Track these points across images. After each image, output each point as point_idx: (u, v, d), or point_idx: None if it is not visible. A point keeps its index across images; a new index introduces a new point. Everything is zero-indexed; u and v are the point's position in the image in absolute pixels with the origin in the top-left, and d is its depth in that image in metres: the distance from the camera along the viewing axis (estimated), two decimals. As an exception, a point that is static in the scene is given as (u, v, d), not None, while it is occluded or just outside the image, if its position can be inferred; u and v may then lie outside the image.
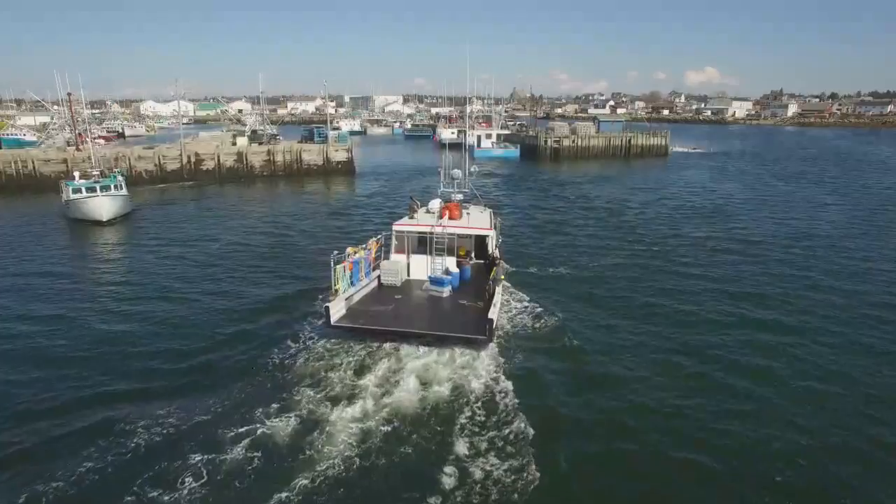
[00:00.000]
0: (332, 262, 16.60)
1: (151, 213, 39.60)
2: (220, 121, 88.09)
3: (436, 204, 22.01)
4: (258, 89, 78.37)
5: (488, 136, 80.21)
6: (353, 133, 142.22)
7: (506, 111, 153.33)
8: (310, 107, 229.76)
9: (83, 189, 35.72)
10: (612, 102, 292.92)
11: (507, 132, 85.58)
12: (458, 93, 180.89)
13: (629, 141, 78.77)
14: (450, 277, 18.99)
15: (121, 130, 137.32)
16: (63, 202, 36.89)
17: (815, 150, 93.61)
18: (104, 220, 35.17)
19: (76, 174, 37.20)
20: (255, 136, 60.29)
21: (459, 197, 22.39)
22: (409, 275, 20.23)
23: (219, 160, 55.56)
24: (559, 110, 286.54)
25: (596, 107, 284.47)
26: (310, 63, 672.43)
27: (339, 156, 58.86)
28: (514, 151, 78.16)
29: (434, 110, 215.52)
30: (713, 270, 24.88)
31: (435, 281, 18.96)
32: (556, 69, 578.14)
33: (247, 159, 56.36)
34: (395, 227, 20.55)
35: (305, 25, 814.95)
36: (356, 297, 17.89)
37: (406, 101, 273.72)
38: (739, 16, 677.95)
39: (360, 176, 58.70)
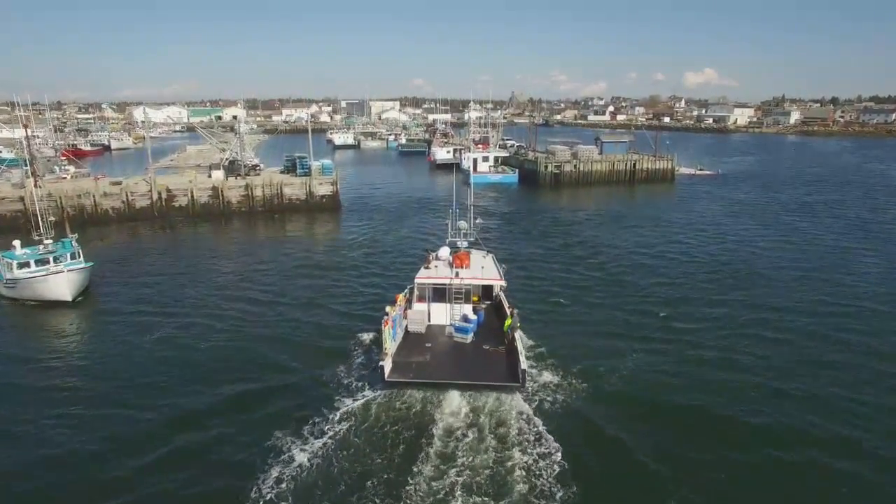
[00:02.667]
0: (382, 325, 19.14)
1: (117, 272, 34.92)
2: (213, 128, 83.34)
3: (445, 252, 24.17)
4: (251, 97, 73.59)
5: (485, 159, 75.95)
6: (346, 146, 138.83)
7: (504, 117, 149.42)
8: (304, 113, 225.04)
9: (32, 262, 29.04)
10: (611, 108, 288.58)
11: (504, 154, 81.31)
12: (457, 95, 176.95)
13: (634, 165, 74.61)
14: (471, 325, 21.45)
15: (107, 143, 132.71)
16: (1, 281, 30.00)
17: (824, 170, 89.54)
18: (69, 299, 28.73)
19: (16, 243, 30.05)
20: (232, 168, 55.50)
21: (465, 244, 24.37)
22: (429, 320, 22.62)
23: (192, 196, 51.25)
24: (558, 116, 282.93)
25: (595, 113, 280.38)
26: (308, 63, 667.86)
27: (323, 189, 54.43)
28: (512, 176, 74.03)
29: (431, 117, 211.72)
30: (753, 362, 22.14)
31: (459, 329, 21.41)
32: (555, 70, 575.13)
33: (223, 195, 51.97)
34: (417, 281, 22.92)
35: (304, 24, 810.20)
36: (393, 349, 19.72)
37: (403, 105, 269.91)
38: (738, 16, 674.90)
39: (346, 211, 54.49)
